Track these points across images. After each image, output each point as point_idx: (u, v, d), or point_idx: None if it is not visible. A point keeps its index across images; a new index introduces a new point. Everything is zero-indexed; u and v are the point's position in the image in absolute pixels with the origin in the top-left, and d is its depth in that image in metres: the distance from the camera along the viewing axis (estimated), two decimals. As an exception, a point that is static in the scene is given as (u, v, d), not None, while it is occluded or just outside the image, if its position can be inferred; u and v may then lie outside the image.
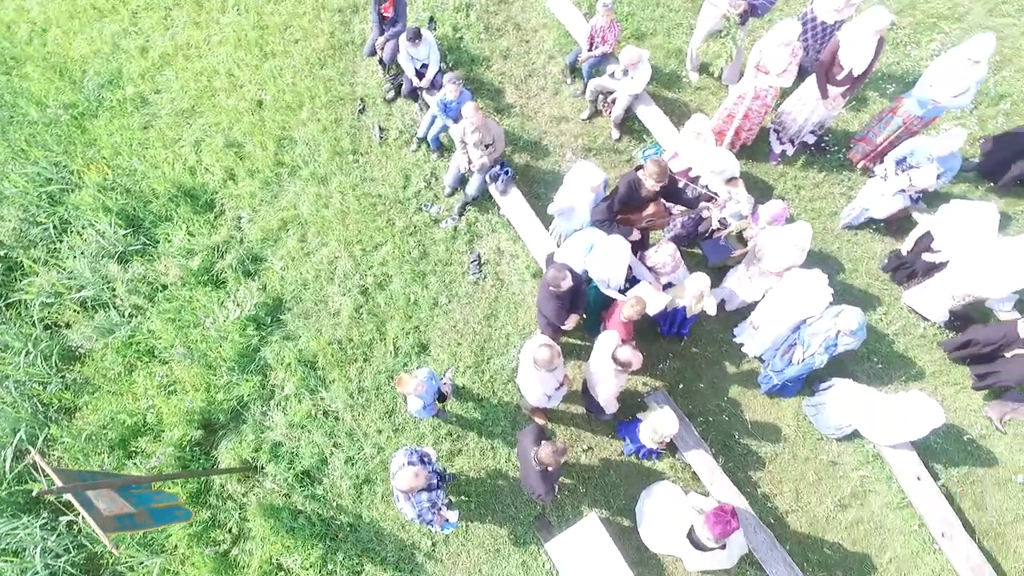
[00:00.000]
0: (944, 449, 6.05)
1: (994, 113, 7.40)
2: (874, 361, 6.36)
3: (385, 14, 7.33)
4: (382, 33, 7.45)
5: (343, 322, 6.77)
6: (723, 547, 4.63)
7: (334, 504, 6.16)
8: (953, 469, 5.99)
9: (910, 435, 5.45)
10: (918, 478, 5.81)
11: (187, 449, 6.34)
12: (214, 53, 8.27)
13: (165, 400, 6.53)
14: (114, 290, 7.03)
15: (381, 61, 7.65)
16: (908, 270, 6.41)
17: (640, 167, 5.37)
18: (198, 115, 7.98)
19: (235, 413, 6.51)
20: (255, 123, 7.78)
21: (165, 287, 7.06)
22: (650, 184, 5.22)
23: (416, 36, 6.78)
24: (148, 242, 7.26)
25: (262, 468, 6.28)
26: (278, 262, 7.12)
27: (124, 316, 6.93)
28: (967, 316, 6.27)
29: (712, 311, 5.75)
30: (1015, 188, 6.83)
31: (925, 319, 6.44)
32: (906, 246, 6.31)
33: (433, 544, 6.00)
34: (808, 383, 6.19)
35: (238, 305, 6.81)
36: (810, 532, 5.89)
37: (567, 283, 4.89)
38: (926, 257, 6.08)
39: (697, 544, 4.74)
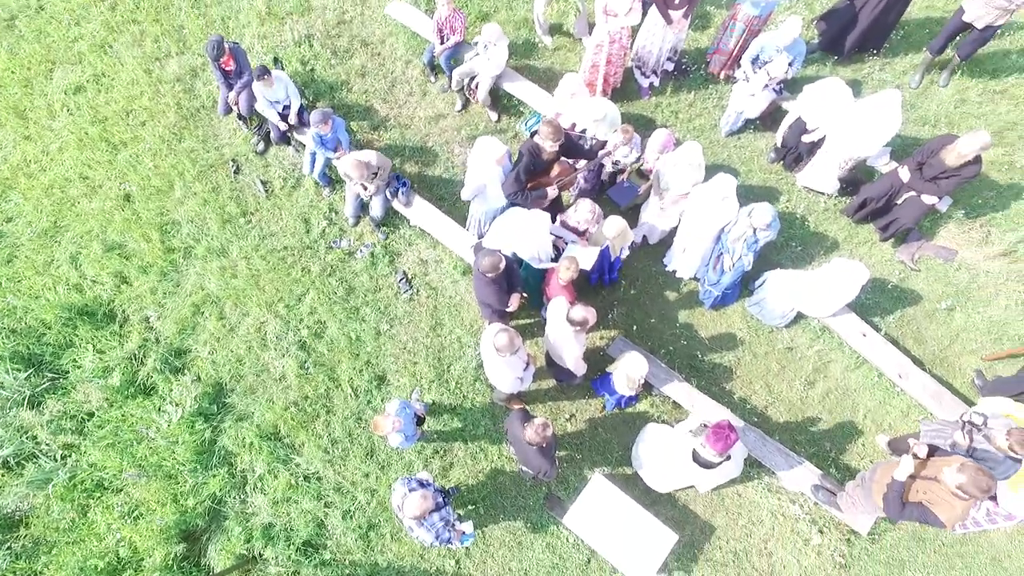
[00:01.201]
0: (876, 302, 6.54)
1: (815, -4, 8.01)
2: (793, 246, 6.79)
3: (227, 68, 7.03)
4: (231, 88, 7.15)
5: (292, 383, 6.53)
6: (728, 458, 4.83)
7: (347, 562, 5.96)
8: (888, 317, 6.50)
9: (844, 299, 5.86)
10: (863, 335, 6.27)
11: (174, 568, 5.95)
12: (58, 162, 7.69)
13: (133, 528, 6.09)
14: (35, 438, 6.48)
15: (240, 116, 7.37)
16: (794, 155, 6.85)
17: (535, 132, 5.46)
18: (63, 230, 7.41)
19: (212, 513, 6.16)
20: (129, 219, 7.32)
21: (92, 415, 6.56)
22: (548, 145, 5.32)
23: (264, 73, 6.54)
24: (56, 376, 6.71)
25: (260, 556, 5.98)
26: (203, 348, 6.76)
27: (56, 460, 6.39)
28: (855, 180, 6.78)
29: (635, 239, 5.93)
30: (856, 56, 7.43)
31: (822, 194, 6.92)
32: (779, 137, 6.73)
33: (457, 562, 5.93)
34: (744, 286, 6.53)
35: (177, 405, 6.43)
36: (791, 417, 6.24)
37: (503, 264, 4.93)
38: (804, 139, 6.52)
39: (705, 464, 4.91)
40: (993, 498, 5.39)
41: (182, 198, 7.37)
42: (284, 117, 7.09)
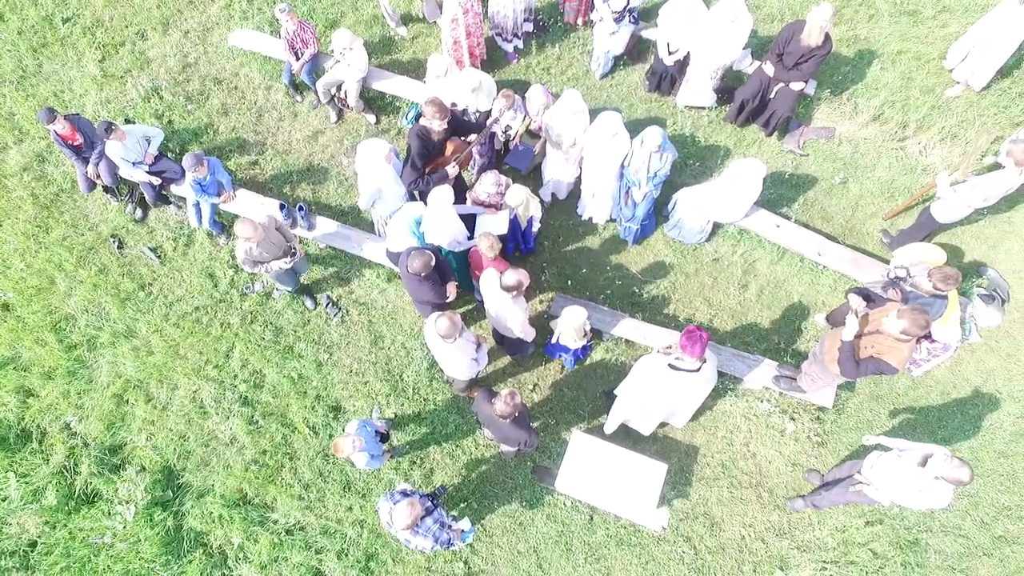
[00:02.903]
0: (779, 194, 6.86)
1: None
2: (692, 163, 7.01)
3: (75, 144, 6.51)
4: (86, 162, 6.63)
5: (245, 442, 6.19)
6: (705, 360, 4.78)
7: (355, 601, 5.74)
8: (794, 204, 6.84)
9: (751, 198, 6.11)
10: (777, 226, 6.56)
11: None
12: (-85, 291, 6.95)
13: (118, 645, 5.63)
14: (-23, 590, 5.86)
15: (106, 188, 6.86)
16: (668, 79, 7.06)
17: (419, 115, 5.36)
18: (-58, 360, 6.71)
19: (201, 600, 5.78)
20: (14, 328, 6.71)
21: (34, 545, 6.01)
22: (436, 125, 5.24)
23: (110, 127, 6.08)
24: (-20, 516, 6.09)
25: (265, 625, 5.67)
26: (139, 436, 6.30)
27: (10, 603, 5.81)
28: (728, 88, 7.06)
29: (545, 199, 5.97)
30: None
31: (703, 108, 7.18)
32: (663, 57, 6.85)
33: (465, 562, 5.82)
34: (659, 212, 6.69)
35: (127, 502, 5.97)
36: (736, 323, 6.48)
37: (433, 261, 4.85)
38: (668, 60, 6.72)
39: (683, 368, 4.83)
40: (927, 336, 5.80)
41: (68, 290, 6.81)
42: (155, 174, 6.63)
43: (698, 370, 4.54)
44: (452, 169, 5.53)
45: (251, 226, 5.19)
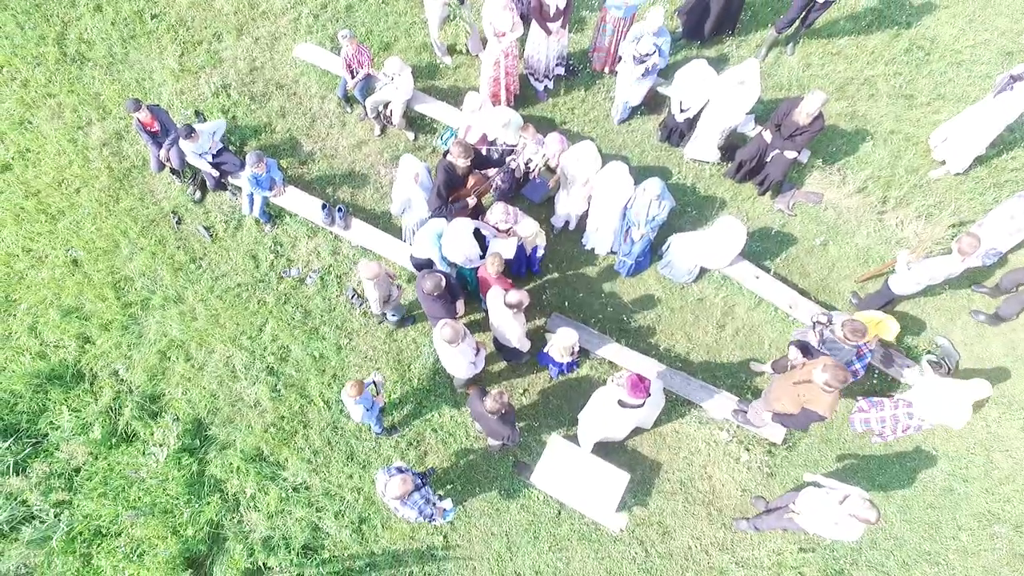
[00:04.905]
0: (764, 248, 7.61)
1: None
2: (689, 211, 7.80)
3: (152, 130, 7.48)
4: (159, 146, 7.60)
5: (267, 407, 7.08)
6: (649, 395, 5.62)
7: (345, 556, 6.59)
8: (776, 258, 7.58)
9: (735, 251, 6.90)
10: (757, 277, 7.32)
11: (185, 594, 6.45)
12: (-2, 239, 7.98)
13: (138, 565, 6.52)
14: (25, 502, 6.79)
15: (172, 170, 7.82)
16: (678, 132, 7.85)
17: (448, 152, 6.22)
18: (16, 303, 7.70)
19: (213, 537, 6.67)
20: (81, 282, 7.68)
21: (78, 470, 6.94)
22: (461, 163, 6.11)
23: (190, 133, 7.06)
24: (36, 440, 7.04)
25: (265, 566, 6.54)
26: (176, 390, 7.23)
27: (52, 517, 6.73)
28: (732, 146, 7.82)
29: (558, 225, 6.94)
30: (715, 38, 8.52)
31: (706, 162, 7.96)
32: (675, 113, 7.62)
33: (445, 537, 6.64)
34: (654, 251, 7.48)
35: (161, 446, 6.88)
36: (709, 357, 7.24)
37: (443, 282, 5.67)
38: (679, 117, 7.50)
39: (634, 407, 5.72)
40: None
41: (130, 255, 7.78)
42: (215, 165, 7.59)
43: (641, 405, 5.36)
44: (471, 201, 6.39)
45: (376, 266, 5.94)
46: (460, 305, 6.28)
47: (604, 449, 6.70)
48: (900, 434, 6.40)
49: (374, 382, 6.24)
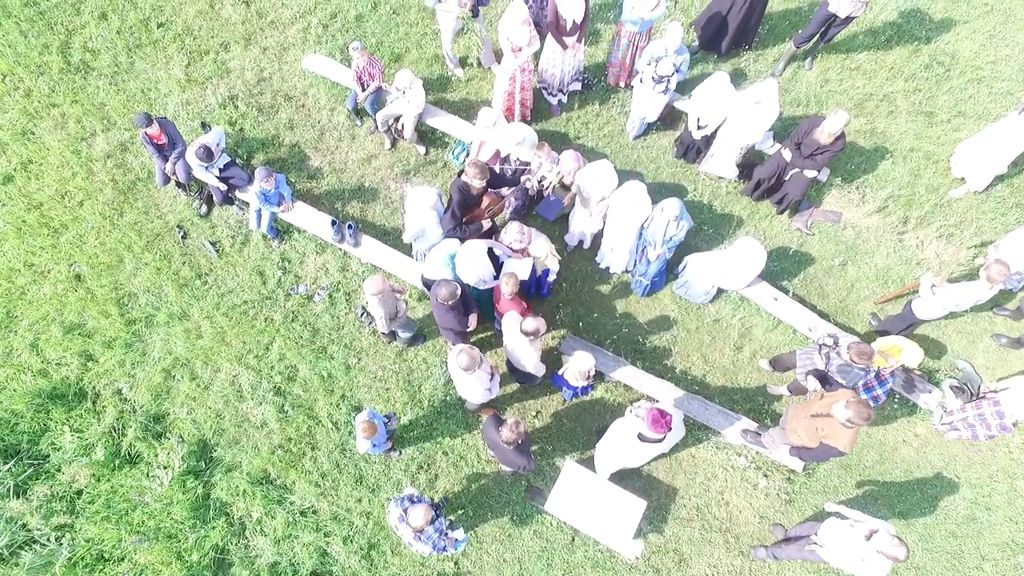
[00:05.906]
0: (782, 268, 7.47)
1: (688, 3, 8.90)
2: (706, 229, 7.65)
3: (159, 142, 7.31)
4: (165, 159, 7.44)
5: (274, 428, 6.93)
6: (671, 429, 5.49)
7: (354, 584, 6.44)
8: (794, 279, 7.44)
9: (753, 272, 6.74)
10: (775, 299, 7.18)
11: (190, 621, 6.29)
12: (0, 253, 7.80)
13: (142, 592, 6.37)
14: (26, 526, 6.63)
15: (179, 184, 7.66)
16: (694, 149, 7.71)
17: (462, 171, 6.07)
18: (17, 320, 7.53)
19: (218, 562, 6.51)
20: (83, 298, 7.52)
21: (80, 492, 6.78)
22: (476, 183, 5.96)
23: (208, 155, 6.91)
24: (37, 461, 6.87)
25: (272, 593, 6.39)
26: (181, 410, 7.06)
27: (53, 542, 6.57)
28: (750, 163, 7.69)
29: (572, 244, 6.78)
30: (733, 52, 8.38)
31: (723, 178, 7.81)
32: (692, 130, 7.48)
33: (456, 563, 6.49)
34: (670, 271, 7.33)
35: (166, 468, 6.72)
36: (726, 381, 7.09)
37: (459, 291, 5.52)
38: (696, 135, 7.36)
39: (653, 440, 5.56)
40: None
41: (134, 270, 7.61)
42: (222, 179, 7.43)
43: (662, 440, 5.22)
44: (486, 223, 6.24)
45: (380, 281, 5.82)
46: (473, 319, 6.12)
47: (619, 474, 6.53)
48: (990, 433, 6.26)
49: (387, 418, 6.12)
